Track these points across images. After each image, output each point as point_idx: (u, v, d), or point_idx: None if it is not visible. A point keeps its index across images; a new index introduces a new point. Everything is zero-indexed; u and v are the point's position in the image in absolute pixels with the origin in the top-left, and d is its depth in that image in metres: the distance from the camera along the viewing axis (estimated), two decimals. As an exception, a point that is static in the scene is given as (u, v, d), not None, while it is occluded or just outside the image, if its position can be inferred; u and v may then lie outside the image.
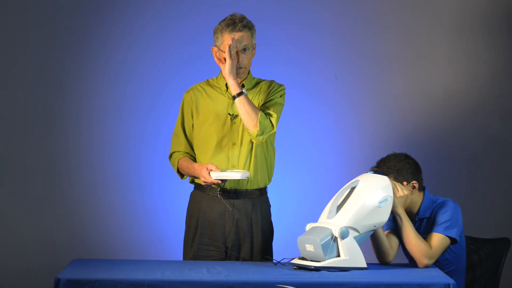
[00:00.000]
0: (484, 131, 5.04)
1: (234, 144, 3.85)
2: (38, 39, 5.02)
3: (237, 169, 3.83)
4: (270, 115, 3.83)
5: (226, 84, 3.89)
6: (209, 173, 3.73)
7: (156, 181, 5.06)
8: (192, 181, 3.96)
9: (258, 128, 3.76)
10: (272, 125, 3.83)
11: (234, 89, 3.76)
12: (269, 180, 3.93)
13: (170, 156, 3.99)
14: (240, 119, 3.85)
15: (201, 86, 3.95)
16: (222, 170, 3.76)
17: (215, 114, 3.87)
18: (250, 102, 3.77)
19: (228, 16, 3.83)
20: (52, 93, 5.04)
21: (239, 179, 3.77)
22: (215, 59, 3.86)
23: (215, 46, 3.85)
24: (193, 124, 3.93)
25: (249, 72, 3.93)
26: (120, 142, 5.07)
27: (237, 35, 3.79)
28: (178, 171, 3.95)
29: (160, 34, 5.05)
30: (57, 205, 5.04)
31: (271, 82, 3.95)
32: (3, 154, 5.02)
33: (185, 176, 3.96)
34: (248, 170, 3.83)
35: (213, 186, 3.85)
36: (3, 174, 5.03)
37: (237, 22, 3.79)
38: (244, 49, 3.81)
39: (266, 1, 5.05)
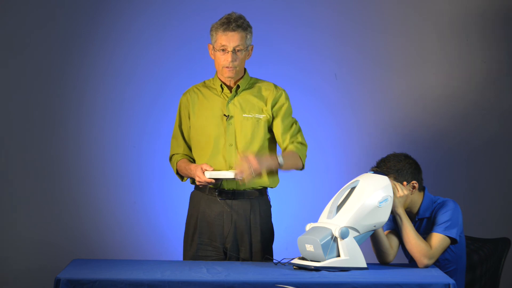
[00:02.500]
0: (484, 130, 5.04)
1: (230, 145, 3.85)
2: (37, 39, 5.02)
3: (234, 169, 3.82)
4: (298, 139, 3.93)
5: (221, 85, 3.89)
6: (203, 172, 3.73)
7: (156, 181, 5.06)
8: (192, 182, 3.95)
9: (303, 165, 3.93)
10: (304, 145, 3.95)
11: (275, 165, 3.82)
12: (271, 181, 3.91)
13: (170, 158, 3.99)
14: (235, 120, 3.85)
15: (197, 88, 3.96)
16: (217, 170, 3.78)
17: (211, 115, 3.88)
18: (289, 161, 3.84)
19: (226, 15, 3.84)
20: (51, 93, 5.04)
21: (236, 180, 3.76)
22: (211, 56, 3.88)
23: (210, 43, 3.86)
24: (190, 126, 3.93)
25: (245, 71, 3.92)
26: (120, 142, 5.07)
27: (230, 34, 3.79)
28: (178, 173, 3.96)
29: (160, 35, 5.05)
30: (57, 205, 5.04)
31: (274, 87, 3.94)
32: (3, 154, 5.02)
33: (185, 178, 3.96)
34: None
35: (210, 186, 3.85)
36: (3, 174, 5.03)
37: (231, 22, 3.79)
38: (236, 50, 3.80)
39: (266, 1, 5.05)
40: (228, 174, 3.70)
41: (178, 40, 5.05)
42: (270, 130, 3.92)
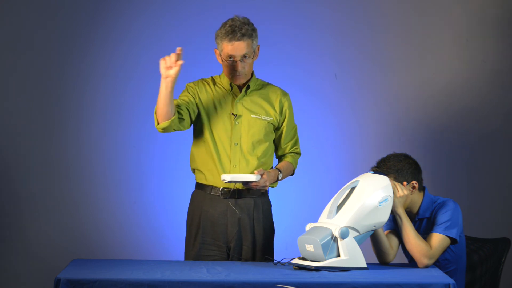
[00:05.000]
0: (484, 131, 5.04)
1: (236, 144, 3.85)
2: (38, 39, 5.02)
3: (239, 169, 3.82)
4: (297, 149, 4.01)
5: (231, 84, 3.89)
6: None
7: (155, 181, 5.06)
8: (193, 171, 3.94)
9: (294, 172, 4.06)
10: (299, 154, 4.03)
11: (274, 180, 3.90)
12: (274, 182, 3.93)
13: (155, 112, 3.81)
14: (243, 120, 3.86)
15: (206, 81, 3.94)
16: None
17: (217, 112, 3.87)
18: (285, 173, 3.93)
19: (229, 21, 3.80)
20: (51, 93, 5.04)
21: (248, 185, 3.77)
22: (218, 60, 3.87)
23: (216, 49, 3.85)
24: (197, 106, 3.86)
25: (253, 73, 3.93)
26: (120, 142, 5.07)
27: (236, 44, 3.77)
28: (155, 117, 3.76)
29: (160, 34, 5.05)
30: (57, 205, 5.04)
31: (281, 92, 3.96)
32: (3, 154, 5.02)
33: (161, 124, 3.72)
34: (250, 171, 3.82)
35: (214, 185, 3.85)
36: (3, 175, 5.03)
37: (236, 31, 3.75)
38: (244, 57, 3.80)
39: (266, 1, 5.05)
40: (249, 177, 3.71)
41: (178, 40, 5.05)
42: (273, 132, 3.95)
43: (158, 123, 3.75)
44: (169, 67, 3.66)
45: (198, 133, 3.90)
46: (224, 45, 3.78)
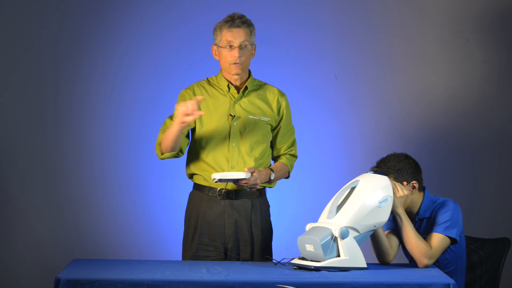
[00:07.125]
0: (484, 131, 5.04)
1: (234, 145, 3.85)
2: (38, 39, 5.02)
3: (237, 170, 3.82)
4: (292, 151, 3.99)
5: (228, 85, 3.89)
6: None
7: (155, 181, 5.06)
8: (190, 177, 3.94)
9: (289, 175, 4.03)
10: (295, 157, 4.02)
11: (266, 180, 3.87)
12: (269, 183, 3.92)
13: (156, 148, 3.88)
14: (241, 121, 3.85)
15: (201, 85, 3.94)
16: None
17: (216, 114, 3.87)
18: (278, 175, 3.91)
19: (229, 14, 3.85)
20: (51, 93, 5.03)
21: (239, 183, 3.76)
22: (215, 57, 3.88)
23: (214, 44, 3.86)
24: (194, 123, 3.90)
25: (250, 73, 3.93)
26: (120, 142, 5.07)
27: (235, 30, 3.79)
28: (159, 147, 3.84)
29: (160, 34, 5.05)
30: (57, 205, 5.04)
31: (278, 92, 3.96)
32: (3, 154, 5.02)
33: (164, 155, 3.83)
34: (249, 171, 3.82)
35: (212, 186, 3.85)
36: (3, 175, 5.03)
37: (235, 19, 3.81)
38: (242, 46, 3.81)
39: (266, 0, 5.05)
40: (239, 175, 3.70)
41: (177, 40, 5.05)
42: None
43: (162, 154, 3.84)
44: (188, 114, 3.66)
45: (196, 136, 3.90)
46: (223, 33, 3.81)
